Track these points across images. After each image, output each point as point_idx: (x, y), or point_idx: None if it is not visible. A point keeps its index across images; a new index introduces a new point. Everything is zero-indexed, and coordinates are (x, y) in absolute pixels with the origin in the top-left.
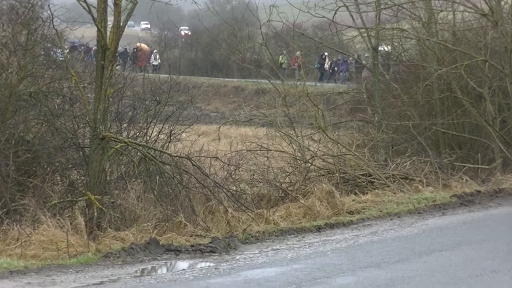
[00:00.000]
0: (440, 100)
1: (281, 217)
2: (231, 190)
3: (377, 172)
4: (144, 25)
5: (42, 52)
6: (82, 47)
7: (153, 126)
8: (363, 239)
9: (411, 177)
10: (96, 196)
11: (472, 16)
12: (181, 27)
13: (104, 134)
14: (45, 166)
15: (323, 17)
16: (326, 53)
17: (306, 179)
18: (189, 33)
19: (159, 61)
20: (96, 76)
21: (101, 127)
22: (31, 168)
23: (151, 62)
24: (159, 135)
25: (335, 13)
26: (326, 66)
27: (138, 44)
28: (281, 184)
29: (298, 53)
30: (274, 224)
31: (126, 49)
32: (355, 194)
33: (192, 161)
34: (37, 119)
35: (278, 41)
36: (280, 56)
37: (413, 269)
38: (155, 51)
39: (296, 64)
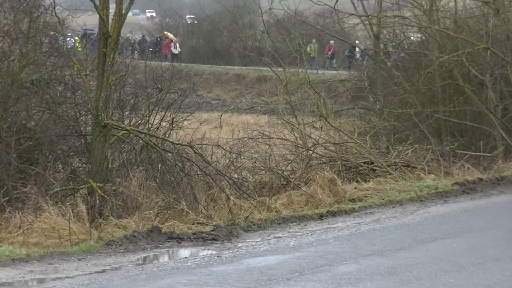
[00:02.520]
0: (441, 87)
1: (283, 205)
2: (233, 178)
3: (379, 160)
4: (149, 13)
5: (46, 41)
6: (94, 35)
7: (155, 114)
8: (365, 227)
9: (413, 165)
10: (98, 184)
11: (473, 3)
12: (187, 16)
13: (106, 122)
14: (47, 154)
15: (325, 4)
16: (357, 41)
17: (308, 167)
18: (195, 22)
19: (179, 50)
20: (98, 63)
21: (103, 114)
22: (33, 156)
23: (172, 50)
24: (161, 123)
25: (337, 0)
26: (357, 54)
27: (165, 32)
28: (283, 172)
29: (331, 42)
30: (276, 212)
31: (143, 36)
32: (357, 182)
33: (194, 149)
34: (39, 107)
35: (279, 28)
36: (309, 45)
37: (415, 257)
38: (175, 40)
39: (329, 52)
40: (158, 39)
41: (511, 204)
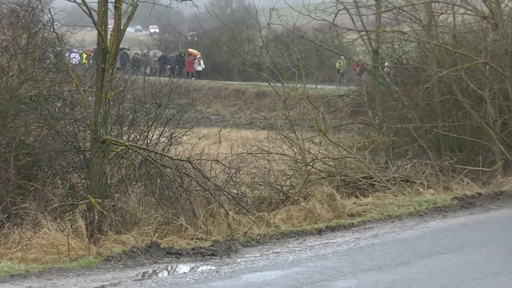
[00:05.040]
0: (440, 102)
1: (282, 220)
2: (232, 193)
3: (378, 175)
4: (152, 29)
5: (43, 57)
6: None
7: (153, 129)
8: (364, 241)
9: (412, 180)
10: (96, 199)
11: (472, 18)
12: (189, 33)
13: (105, 137)
14: (46, 170)
15: (324, 20)
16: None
17: (307, 182)
18: (195, 39)
19: (203, 67)
20: (96, 79)
21: (101, 130)
22: (32, 172)
23: (195, 67)
24: (160, 138)
25: (336, 16)
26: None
27: (189, 49)
28: (282, 187)
29: (361, 57)
30: (275, 227)
31: (163, 52)
32: (356, 196)
33: (193, 164)
34: (37, 123)
35: (278, 44)
36: (337, 62)
37: (414, 272)
38: (198, 56)
39: (357, 68)
40: (182, 55)
41: (510, 219)
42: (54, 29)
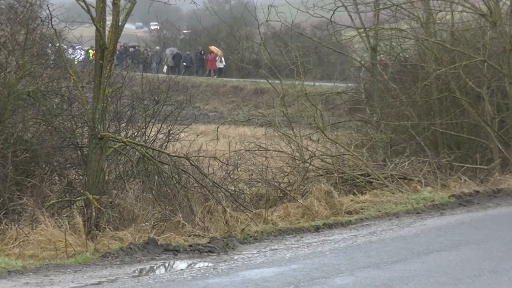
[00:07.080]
0: (438, 100)
1: (279, 217)
2: (229, 190)
3: (376, 172)
4: (153, 26)
5: (49, 52)
6: (135, 47)
7: (151, 126)
8: (362, 239)
9: (410, 177)
10: (94, 196)
11: (470, 16)
12: (183, 31)
13: (103, 134)
14: (44, 166)
15: (322, 17)
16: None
17: (304, 179)
18: (187, 37)
19: (224, 64)
20: (94, 75)
21: (99, 126)
22: (30, 168)
23: (216, 65)
24: (158, 135)
25: (334, 13)
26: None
27: (211, 47)
28: (280, 184)
29: (382, 56)
30: (272, 224)
31: (177, 50)
32: (354, 194)
33: (191, 161)
34: (35, 119)
35: (276, 41)
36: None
37: (411, 269)
38: (220, 54)
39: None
40: (202, 52)
41: (508, 217)
42: (52, 25)
